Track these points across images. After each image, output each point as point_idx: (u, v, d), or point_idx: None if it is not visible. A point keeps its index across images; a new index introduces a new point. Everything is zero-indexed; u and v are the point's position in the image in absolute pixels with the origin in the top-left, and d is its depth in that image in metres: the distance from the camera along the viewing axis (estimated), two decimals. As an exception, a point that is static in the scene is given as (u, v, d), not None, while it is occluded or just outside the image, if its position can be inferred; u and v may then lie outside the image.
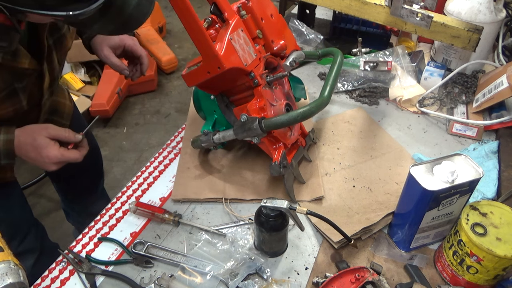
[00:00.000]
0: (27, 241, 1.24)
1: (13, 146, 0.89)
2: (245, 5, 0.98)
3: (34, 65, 0.91)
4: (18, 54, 0.86)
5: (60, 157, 0.90)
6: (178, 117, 3.03)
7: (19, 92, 0.92)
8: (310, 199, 1.04)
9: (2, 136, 0.88)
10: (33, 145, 0.89)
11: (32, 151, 0.89)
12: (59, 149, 0.90)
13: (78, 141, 0.95)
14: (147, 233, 0.98)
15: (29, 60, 0.89)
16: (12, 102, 0.92)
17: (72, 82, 2.94)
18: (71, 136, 0.93)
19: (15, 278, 0.64)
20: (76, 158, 0.93)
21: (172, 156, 1.19)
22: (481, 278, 0.81)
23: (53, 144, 0.90)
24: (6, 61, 0.84)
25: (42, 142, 0.89)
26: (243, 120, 0.91)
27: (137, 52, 1.14)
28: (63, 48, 1.01)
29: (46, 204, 2.34)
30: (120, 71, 1.13)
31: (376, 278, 0.81)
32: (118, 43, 1.12)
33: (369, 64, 1.37)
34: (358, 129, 1.25)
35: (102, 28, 0.67)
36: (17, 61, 0.86)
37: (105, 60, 1.12)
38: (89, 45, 1.13)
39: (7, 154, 0.89)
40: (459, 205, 0.86)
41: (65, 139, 0.93)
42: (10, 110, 0.93)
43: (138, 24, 0.70)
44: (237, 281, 0.85)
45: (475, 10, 1.33)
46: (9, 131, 0.89)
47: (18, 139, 0.89)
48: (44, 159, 0.90)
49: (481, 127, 1.21)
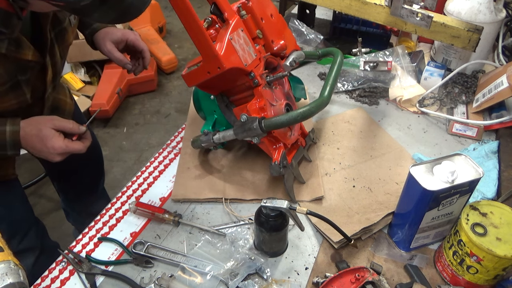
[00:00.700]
0: (27, 239, 1.24)
1: (19, 137, 0.90)
2: (245, 5, 0.98)
3: (37, 57, 0.92)
4: (22, 45, 0.87)
5: (65, 148, 0.91)
6: (178, 117, 3.03)
7: (23, 85, 0.93)
8: (310, 199, 1.04)
9: (8, 127, 0.89)
10: (39, 136, 0.90)
11: (37, 142, 0.91)
12: (64, 140, 0.92)
13: (82, 132, 0.96)
14: (147, 233, 0.98)
15: (32, 52, 0.90)
16: (15, 94, 0.93)
17: (72, 82, 2.94)
18: (76, 128, 0.95)
19: (15, 278, 0.64)
20: (80, 149, 0.95)
21: (172, 156, 1.19)
22: (481, 278, 0.81)
23: (58, 135, 0.92)
24: (10, 52, 0.84)
25: (47, 133, 0.90)
26: (243, 120, 0.91)
27: (139, 46, 1.16)
28: (65, 42, 1.02)
29: (46, 204, 2.34)
30: (123, 65, 1.15)
31: (376, 278, 0.81)
32: (121, 37, 1.13)
33: (369, 64, 1.37)
34: (358, 129, 1.25)
35: (103, 16, 0.68)
36: (20, 52, 0.87)
37: (108, 55, 1.12)
38: (91, 40, 1.14)
39: (13, 145, 0.90)
40: (459, 205, 0.86)
41: (69, 131, 0.94)
42: (14, 103, 0.94)
43: (138, 12, 0.70)
44: (237, 281, 0.85)
45: (475, 10, 1.33)
46: (15, 122, 0.90)
47: (24, 130, 0.90)
48: (49, 149, 0.91)
49: (481, 127, 1.21)
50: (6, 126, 0.89)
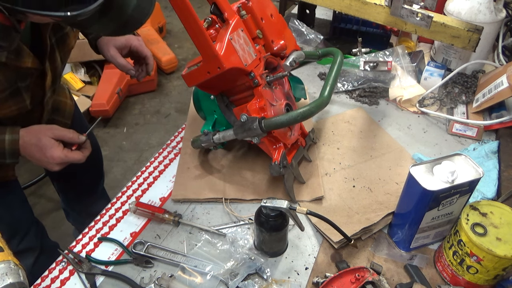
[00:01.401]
0: (27, 239, 1.24)
1: (18, 146, 0.90)
2: (245, 5, 0.98)
3: (36, 64, 0.92)
4: (21, 53, 0.87)
5: (63, 158, 0.91)
6: (178, 117, 3.03)
7: (22, 91, 0.93)
8: (310, 199, 1.04)
9: (7, 136, 0.89)
10: (38, 145, 0.90)
11: (36, 151, 0.91)
12: (63, 150, 0.92)
13: (82, 142, 0.96)
14: (147, 233, 0.98)
15: (32, 59, 0.90)
16: (15, 101, 0.93)
17: (72, 82, 2.94)
18: (75, 137, 0.95)
19: (15, 278, 0.64)
20: (79, 159, 0.94)
21: (172, 156, 1.19)
22: (481, 278, 0.81)
23: (58, 145, 0.91)
24: (9, 60, 0.84)
25: (46, 143, 0.90)
26: (243, 120, 0.91)
27: (143, 52, 1.16)
28: (66, 46, 1.02)
29: (46, 204, 2.34)
30: (126, 71, 1.15)
31: (376, 278, 0.81)
32: (124, 43, 1.12)
33: (369, 64, 1.37)
34: (358, 129, 1.25)
35: (102, 28, 0.67)
36: (20, 60, 0.87)
37: (111, 60, 1.12)
38: (95, 45, 1.14)
39: (12, 153, 0.90)
40: (459, 205, 0.86)
41: (69, 140, 0.94)
42: (14, 109, 0.94)
43: (139, 25, 0.70)
44: (237, 281, 0.85)
45: (475, 10, 1.33)
46: (14, 131, 0.90)
47: (23, 139, 0.90)
48: (48, 159, 0.91)
49: (481, 127, 1.21)
50: (5, 135, 0.89)
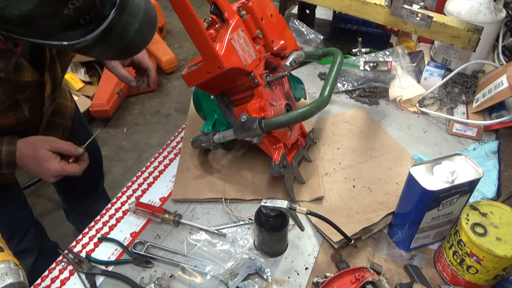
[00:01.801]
0: (26, 240, 1.24)
1: (15, 158, 0.90)
2: (245, 5, 0.98)
3: (36, 77, 0.91)
4: (21, 68, 0.86)
5: (60, 171, 0.92)
6: (178, 117, 3.03)
7: (21, 103, 0.93)
8: (310, 199, 1.04)
9: (4, 148, 0.89)
10: (35, 157, 0.90)
11: (33, 163, 0.91)
12: (60, 163, 0.92)
13: (79, 154, 0.96)
14: (147, 233, 0.98)
15: (31, 73, 0.89)
16: (14, 112, 0.93)
17: (72, 82, 2.93)
18: (73, 150, 0.95)
19: (15, 278, 0.64)
20: (75, 172, 0.95)
21: (172, 156, 1.19)
22: (481, 278, 0.81)
23: (54, 157, 0.91)
24: (9, 75, 0.83)
25: (43, 155, 0.90)
26: (243, 120, 0.91)
27: (145, 64, 1.16)
28: (67, 56, 1.02)
29: (46, 204, 2.34)
30: (127, 82, 1.15)
31: (376, 278, 0.81)
32: None
33: (369, 64, 1.37)
34: (358, 129, 1.25)
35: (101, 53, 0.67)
36: (20, 75, 0.86)
37: (112, 71, 1.13)
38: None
39: (9, 164, 0.90)
40: (459, 205, 0.86)
41: (66, 153, 0.94)
42: (12, 119, 0.94)
43: (138, 50, 0.69)
44: (237, 281, 0.85)
45: (475, 10, 1.33)
46: (12, 142, 0.90)
47: (20, 151, 0.90)
48: (44, 171, 0.91)
49: (481, 127, 1.21)
50: (3, 146, 0.89)
